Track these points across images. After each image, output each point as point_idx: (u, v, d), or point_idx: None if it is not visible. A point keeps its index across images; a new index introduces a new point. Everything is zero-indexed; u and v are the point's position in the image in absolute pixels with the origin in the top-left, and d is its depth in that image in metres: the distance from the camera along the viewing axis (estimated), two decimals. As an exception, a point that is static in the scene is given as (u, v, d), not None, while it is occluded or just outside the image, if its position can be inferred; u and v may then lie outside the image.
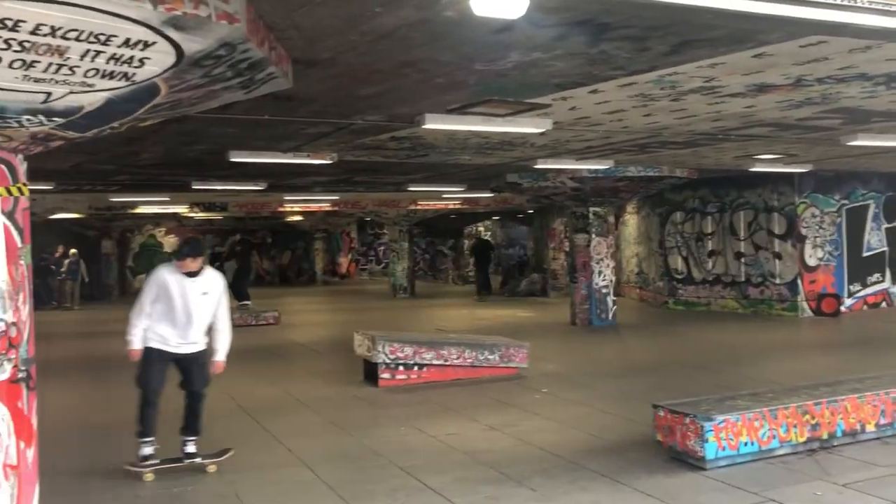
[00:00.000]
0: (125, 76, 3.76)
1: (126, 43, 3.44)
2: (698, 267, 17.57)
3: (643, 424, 6.68)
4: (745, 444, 5.76)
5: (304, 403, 8.55)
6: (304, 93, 6.45)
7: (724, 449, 5.67)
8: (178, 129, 8.33)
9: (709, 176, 15.95)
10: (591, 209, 15.20)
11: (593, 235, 15.22)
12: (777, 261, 16.03)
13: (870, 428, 6.26)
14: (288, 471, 6.09)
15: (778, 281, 16.02)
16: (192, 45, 3.70)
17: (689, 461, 5.78)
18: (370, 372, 9.52)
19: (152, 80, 3.97)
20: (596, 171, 13.62)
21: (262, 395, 9.07)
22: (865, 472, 5.57)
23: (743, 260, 16.69)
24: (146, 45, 3.52)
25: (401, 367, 9.30)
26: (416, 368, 9.36)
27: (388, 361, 9.22)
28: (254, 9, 4.03)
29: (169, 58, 3.75)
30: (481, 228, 34.47)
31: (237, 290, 17.26)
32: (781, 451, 5.93)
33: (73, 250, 23.22)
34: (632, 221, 20.73)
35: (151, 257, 31.72)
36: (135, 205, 21.12)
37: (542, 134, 9.06)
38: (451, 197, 22.20)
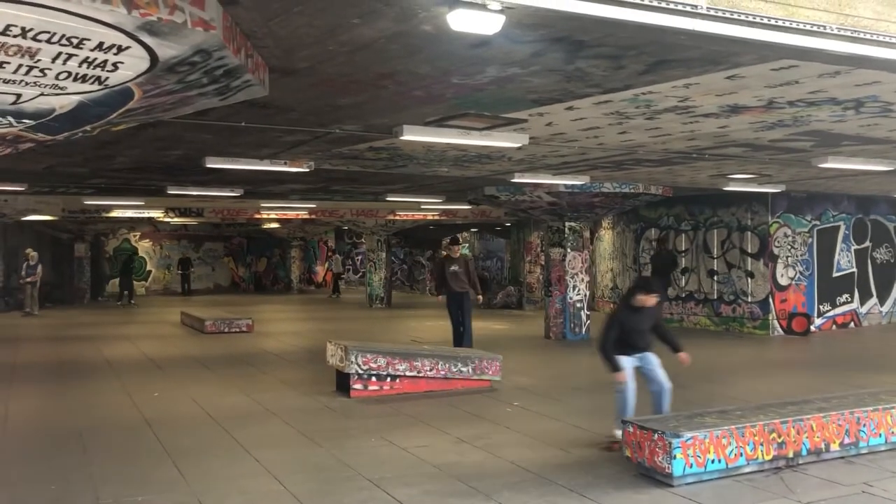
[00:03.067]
0: (98, 80, 3.74)
1: (99, 47, 3.42)
2: (672, 284, 17.72)
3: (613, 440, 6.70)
4: (713, 461, 5.79)
5: (274, 413, 8.48)
6: (281, 101, 6.45)
7: (691, 466, 5.70)
8: (153, 134, 8.28)
9: (683, 194, 16.13)
10: (567, 224, 15.28)
11: (568, 250, 15.30)
12: (749, 279, 16.21)
13: (834, 447, 6.32)
14: (255, 481, 6.03)
15: (750, 299, 16.20)
16: (167, 50, 3.69)
17: (656, 477, 5.80)
18: (342, 382, 9.46)
19: (126, 84, 3.95)
20: (572, 186, 13.72)
21: (231, 404, 8.98)
22: (828, 491, 5.62)
23: (716, 278, 16.86)
24: (120, 49, 3.51)
25: (373, 378, 9.26)
26: (388, 379, 9.32)
27: (360, 372, 9.18)
28: (230, 16, 4.02)
29: (143, 63, 3.73)
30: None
31: None
32: (748, 469, 5.97)
33: (30, 252, 21.49)
34: (607, 237, 20.87)
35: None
36: (109, 208, 20.92)
37: (518, 148, 9.11)
38: (430, 208, 22.24)
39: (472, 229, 32.34)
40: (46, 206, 19.41)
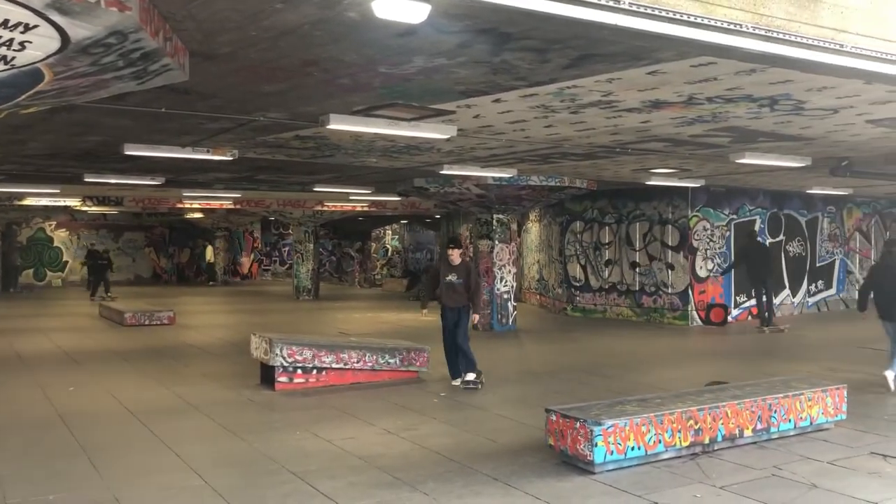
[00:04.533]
0: (3, 59, 3.56)
1: (4, 24, 3.26)
2: (595, 275, 18.08)
3: (537, 428, 6.80)
4: (633, 448, 5.93)
5: (195, 407, 8.29)
6: (202, 86, 6.28)
7: (612, 453, 5.83)
8: (68, 119, 7.96)
9: (607, 188, 16.47)
10: (495, 216, 15.42)
11: (496, 242, 15.44)
12: (669, 271, 16.68)
13: (747, 433, 6.57)
14: (175, 476, 5.88)
15: (670, 291, 16.67)
16: (79, 31, 3.54)
17: (578, 465, 5.92)
18: (267, 375, 9.32)
19: (35, 65, 3.77)
20: (500, 178, 13.83)
21: (150, 399, 8.73)
22: (742, 475, 5.84)
23: (638, 269, 17.28)
24: (27, 27, 3.35)
25: (299, 371, 9.14)
26: (314, 372, 9.23)
27: (285, 365, 9.05)
28: (147, -3, 3.88)
29: (53, 43, 3.57)
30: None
31: None
32: (666, 455, 6.15)
33: None
34: (534, 229, 21.14)
35: (40, 252, 30.08)
36: (22, 196, 20.05)
37: (447, 140, 9.12)
38: (359, 199, 22.07)
39: (402, 221, 32.32)
40: (-48, 192, 18.48)
